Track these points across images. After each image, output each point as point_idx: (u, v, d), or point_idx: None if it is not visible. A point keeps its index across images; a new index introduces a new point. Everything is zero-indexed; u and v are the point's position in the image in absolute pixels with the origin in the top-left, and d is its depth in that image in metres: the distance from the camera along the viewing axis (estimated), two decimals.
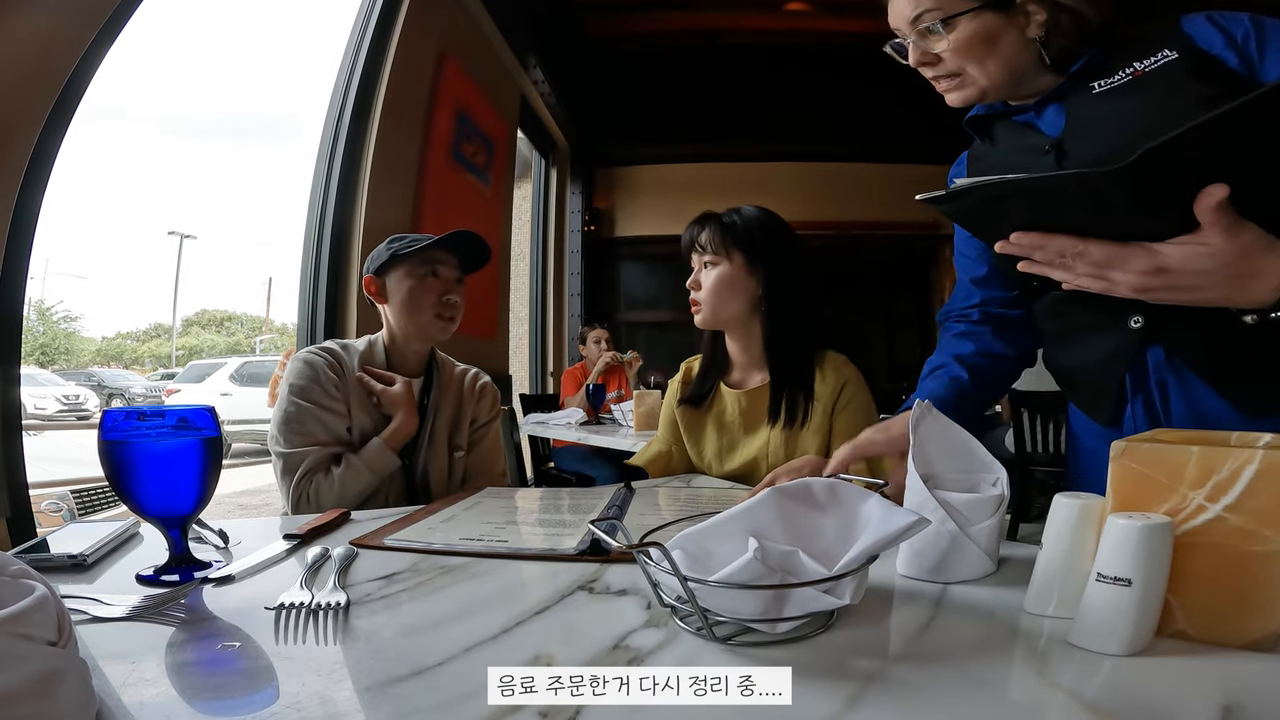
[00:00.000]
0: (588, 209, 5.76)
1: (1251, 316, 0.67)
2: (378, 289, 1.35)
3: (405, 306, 1.33)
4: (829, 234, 5.55)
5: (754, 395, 1.34)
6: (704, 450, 1.39)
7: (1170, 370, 0.80)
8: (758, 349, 1.35)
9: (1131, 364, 0.83)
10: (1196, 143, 0.57)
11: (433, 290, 1.32)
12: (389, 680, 0.47)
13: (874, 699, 0.44)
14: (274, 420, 1.24)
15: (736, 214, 1.34)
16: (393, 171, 2.84)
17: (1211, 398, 0.78)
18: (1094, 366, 0.87)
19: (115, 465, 0.67)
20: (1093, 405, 0.90)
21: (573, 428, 3.04)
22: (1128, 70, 0.80)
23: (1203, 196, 0.60)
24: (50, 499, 2.77)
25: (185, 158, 79.04)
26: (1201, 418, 0.79)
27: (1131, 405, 0.84)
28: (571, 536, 0.82)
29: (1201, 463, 0.50)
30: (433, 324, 1.34)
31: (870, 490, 0.60)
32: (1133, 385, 0.83)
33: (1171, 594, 0.50)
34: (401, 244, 1.33)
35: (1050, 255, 0.69)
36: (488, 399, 1.47)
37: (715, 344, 1.41)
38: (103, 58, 1.61)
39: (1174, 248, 0.64)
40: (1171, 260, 0.64)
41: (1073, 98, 0.84)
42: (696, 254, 1.34)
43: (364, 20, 2.82)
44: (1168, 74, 0.77)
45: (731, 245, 1.31)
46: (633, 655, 0.50)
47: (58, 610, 0.40)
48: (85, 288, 53.91)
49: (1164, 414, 0.82)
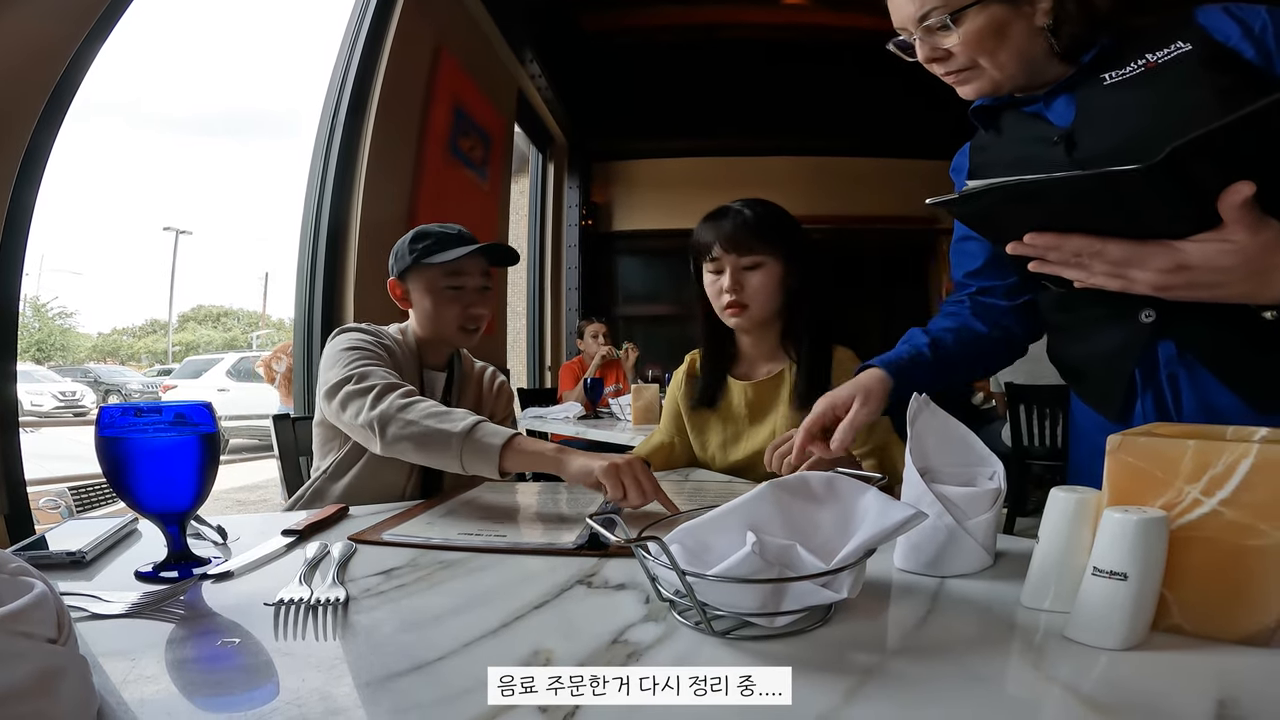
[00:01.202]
0: (585, 203, 5.75)
1: (1271, 312, 0.67)
2: (403, 293, 1.34)
3: (430, 317, 1.31)
4: (827, 228, 5.54)
5: (763, 386, 1.34)
6: (708, 442, 1.40)
7: (1181, 365, 0.80)
8: (773, 340, 1.35)
9: (1142, 358, 0.82)
10: (1225, 140, 0.57)
11: (455, 305, 1.30)
12: (388, 675, 0.47)
13: (872, 693, 0.44)
14: (325, 374, 1.16)
15: (758, 208, 1.31)
16: (389, 166, 2.83)
17: (1223, 393, 0.78)
18: (1103, 360, 0.86)
19: (113, 462, 0.67)
20: (1101, 399, 0.89)
21: (571, 422, 3.04)
22: (1140, 61, 0.78)
23: (1229, 193, 0.60)
24: (48, 496, 2.76)
25: (181, 153, 78.82)
26: (1213, 412, 0.78)
27: (1141, 400, 0.83)
28: (570, 531, 0.82)
29: (1197, 457, 0.50)
30: (457, 336, 1.33)
31: (868, 484, 0.61)
32: (1143, 380, 0.83)
33: (1167, 588, 0.50)
34: (425, 246, 1.29)
35: (1065, 255, 0.68)
36: (504, 397, 1.47)
37: (721, 340, 1.39)
38: (97, 53, 1.60)
39: (1196, 245, 0.64)
40: (1193, 257, 0.64)
41: (1083, 89, 0.83)
42: (730, 253, 1.29)
43: (360, 15, 2.80)
44: (1181, 65, 0.76)
45: (775, 242, 1.29)
46: (631, 650, 0.51)
47: (57, 608, 0.40)
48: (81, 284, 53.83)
49: (1175, 408, 0.81)
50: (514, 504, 1.05)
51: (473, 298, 1.32)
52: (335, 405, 1.11)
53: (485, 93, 3.73)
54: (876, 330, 6.24)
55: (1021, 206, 0.68)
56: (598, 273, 5.90)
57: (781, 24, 5.13)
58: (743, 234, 1.28)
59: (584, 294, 5.62)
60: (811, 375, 1.29)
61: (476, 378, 1.45)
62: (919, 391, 0.77)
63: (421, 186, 3.04)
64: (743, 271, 1.29)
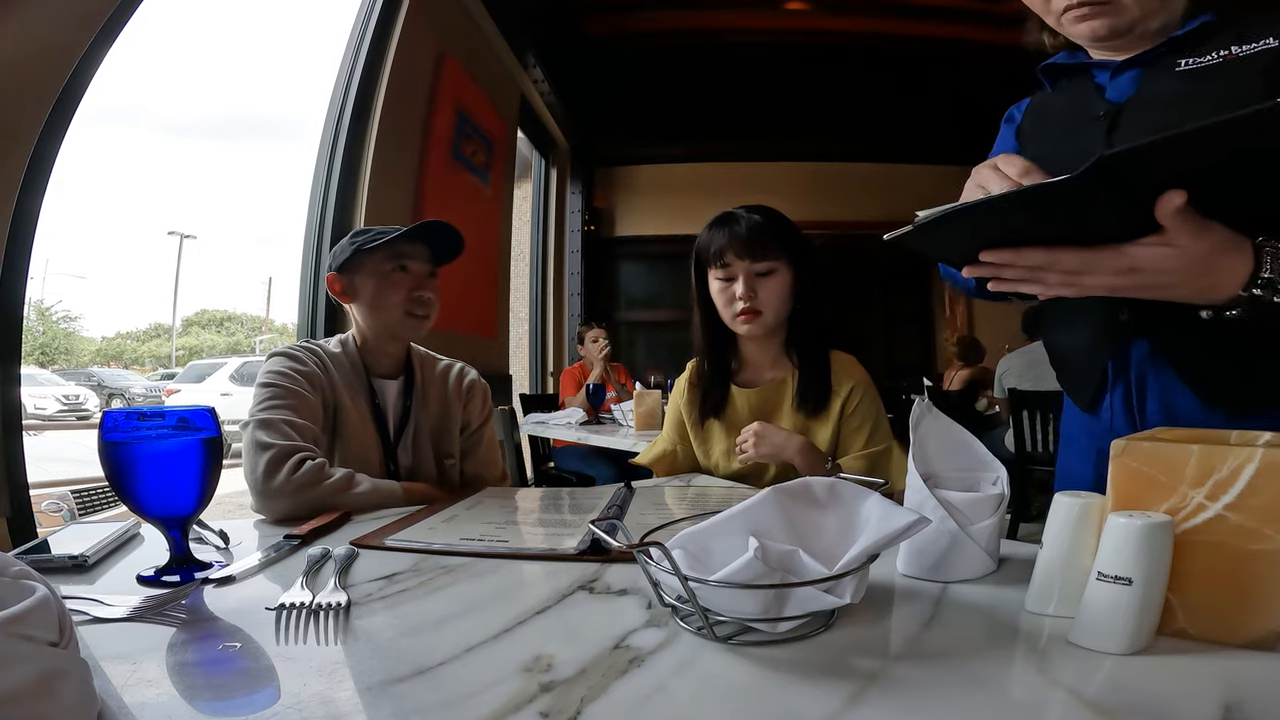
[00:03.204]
0: (587, 208, 5.76)
1: (1207, 312, 0.68)
2: (342, 287, 1.25)
3: (373, 305, 1.23)
4: (828, 233, 5.55)
5: (766, 392, 1.34)
6: (712, 450, 1.39)
7: (1150, 365, 0.82)
8: (777, 347, 1.35)
9: (1115, 354, 0.85)
10: (1159, 154, 0.56)
11: (401, 286, 1.22)
12: (390, 680, 0.47)
13: (874, 698, 0.44)
14: (249, 409, 1.12)
15: (766, 213, 1.31)
16: (392, 171, 2.84)
17: (1185, 396, 0.80)
18: (1082, 352, 0.90)
19: (116, 466, 0.67)
20: (1075, 388, 0.93)
21: (573, 427, 3.04)
22: (1222, 52, 0.76)
23: (1162, 202, 0.60)
24: (50, 499, 2.76)
25: (185, 158, 79.12)
26: (1172, 415, 0.80)
27: (1111, 394, 0.86)
28: (572, 536, 0.82)
29: (1202, 461, 0.50)
30: (404, 322, 1.23)
31: (870, 489, 0.60)
32: (1114, 375, 0.86)
33: (1172, 593, 0.50)
34: (366, 238, 1.22)
35: (1020, 272, 0.68)
36: (478, 399, 1.36)
37: (723, 347, 1.38)
38: (103, 58, 1.62)
39: (1143, 249, 0.64)
40: (1140, 260, 0.64)
41: (1153, 69, 0.82)
42: (743, 259, 1.27)
43: (364, 20, 2.82)
44: (1256, 62, 0.74)
45: (787, 247, 1.29)
46: (633, 655, 0.50)
47: (59, 611, 0.40)
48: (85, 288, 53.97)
49: (1139, 407, 0.84)
50: (516, 509, 1.05)
51: (419, 280, 1.25)
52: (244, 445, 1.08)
53: (488, 97, 3.74)
54: (878, 336, 6.26)
55: (974, 227, 0.68)
56: (600, 278, 5.91)
57: (784, 29, 5.15)
58: (756, 239, 1.27)
59: (586, 299, 5.63)
60: (814, 380, 1.30)
61: (439, 380, 1.33)
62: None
63: (424, 191, 3.06)
64: (756, 277, 1.28)
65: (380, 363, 1.27)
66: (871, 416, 1.30)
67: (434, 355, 1.37)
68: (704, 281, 1.35)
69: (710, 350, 1.38)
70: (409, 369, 1.30)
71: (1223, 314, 0.66)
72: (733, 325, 1.32)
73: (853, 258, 5.92)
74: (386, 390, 1.27)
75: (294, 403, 1.11)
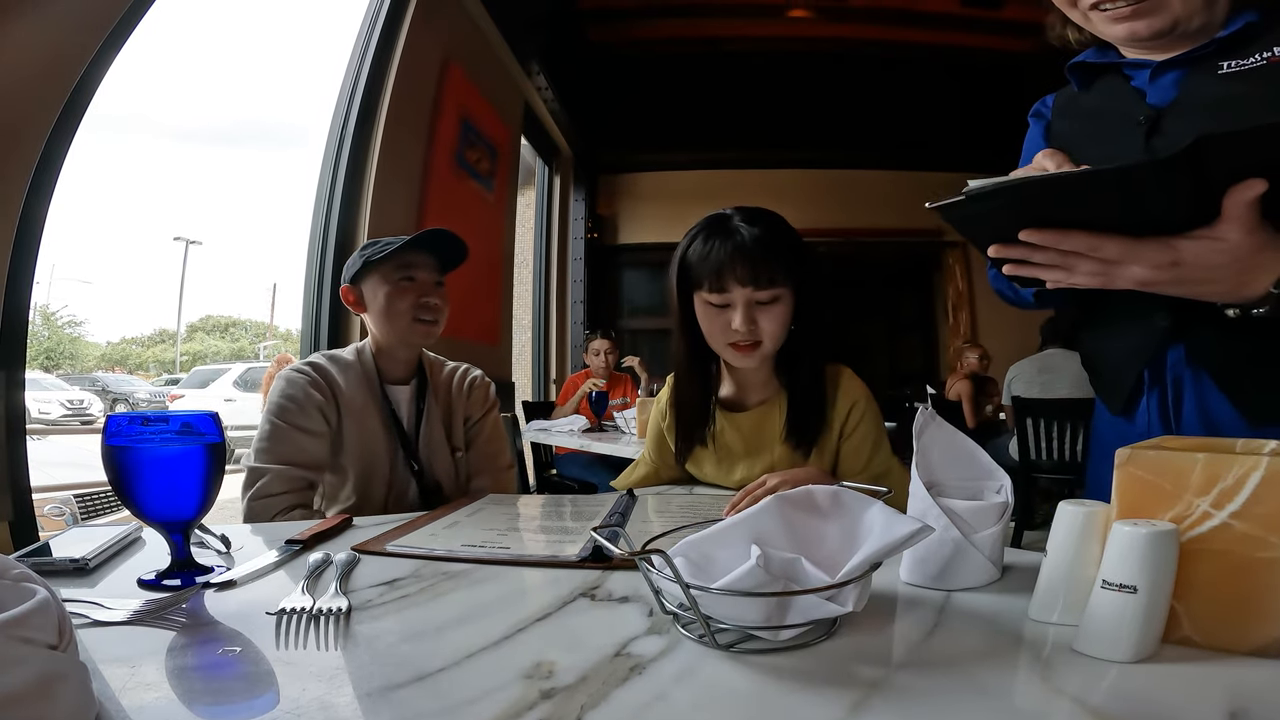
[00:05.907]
0: (591, 215, 5.77)
1: (1234, 310, 0.67)
2: (355, 298, 1.34)
3: (383, 314, 1.30)
4: (832, 240, 5.56)
5: (755, 416, 1.22)
6: (704, 472, 1.30)
7: (1188, 369, 0.81)
8: (767, 370, 1.21)
9: (1152, 359, 0.83)
10: (1255, 144, 0.56)
11: (409, 295, 1.30)
12: (390, 686, 0.46)
13: (877, 706, 0.44)
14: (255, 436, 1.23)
15: (765, 222, 1.12)
16: (397, 178, 2.85)
17: (1222, 403, 0.79)
18: (1117, 355, 0.88)
19: (118, 470, 0.67)
20: (1110, 393, 0.91)
21: (575, 435, 3.04)
22: (1265, 54, 0.74)
23: (1239, 190, 0.59)
24: (53, 503, 2.77)
25: (191, 164, 79.60)
26: (1209, 421, 0.79)
27: (1147, 398, 0.85)
28: (573, 543, 0.82)
29: (1207, 469, 0.50)
30: (412, 329, 1.31)
31: (873, 498, 0.60)
32: (1150, 380, 0.84)
33: (1177, 601, 0.50)
34: (374, 249, 1.30)
35: (1054, 256, 0.67)
36: (478, 393, 1.45)
37: (707, 370, 1.23)
38: (110, 64, 1.62)
39: (1190, 241, 0.63)
40: (1185, 254, 0.63)
41: (1195, 71, 0.79)
42: (745, 286, 1.09)
43: (369, 28, 2.83)
44: None
45: (793, 268, 1.12)
46: (634, 662, 0.50)
47: (59, 614, 0.40)
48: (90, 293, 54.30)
49: (1175, 412, 0.82)
50: (518, 516, 1.05)
51: (426, 288, 1.32)
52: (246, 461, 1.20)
53: (492, 105, 3.76)
54: (882, 343, 6.25)
55: (1023, 206, 0.66)
56: (603, 285, 5.91)
57: (787, 36, 5.17)
58: (761, 263, 1.09)
59: (589, 307, 5.63)
60: (805, 404, 1.18)
61: (446, 381, 1.42)
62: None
63: (428, 198, 3.06)
64: (757, 307, 1.10)
65: (394, 369, 1.36)
66: (871, 438, 1.18)
67: (443, 360, 1.46)
68: (687, 297, 1.16)
69: (693, 376, 1.24)
70: (421, 374, 1.39)
71: (1249, 312, 0.66)
72: (722, 353, 1.16)
73: (855, 264, 5.96)
74: (399, 397, 1.36)
75: (288, 449, 1.21)
